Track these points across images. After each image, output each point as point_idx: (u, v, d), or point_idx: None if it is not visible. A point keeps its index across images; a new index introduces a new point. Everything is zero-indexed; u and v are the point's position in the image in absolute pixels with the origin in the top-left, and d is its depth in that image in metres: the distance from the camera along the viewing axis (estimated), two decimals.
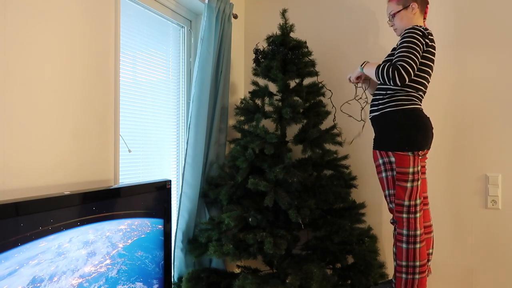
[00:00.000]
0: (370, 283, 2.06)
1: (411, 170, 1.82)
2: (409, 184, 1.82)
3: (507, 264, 2.27)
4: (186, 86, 2.41)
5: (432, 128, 1.92)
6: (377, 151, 1.90)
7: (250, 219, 1.98)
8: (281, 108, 2.15)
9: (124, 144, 1.88)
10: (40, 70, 1.35)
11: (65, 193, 1.28)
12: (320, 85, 2.30)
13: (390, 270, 2.44)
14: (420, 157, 1.89)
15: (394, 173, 1.85)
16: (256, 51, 2.30)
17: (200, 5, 2.32)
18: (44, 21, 1.36)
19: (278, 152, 2.13)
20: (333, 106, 2.58)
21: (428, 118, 1.92)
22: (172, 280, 2.10)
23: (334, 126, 2.26)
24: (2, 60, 1.23)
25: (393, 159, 1.85)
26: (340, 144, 2.25)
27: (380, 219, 2.49)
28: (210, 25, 2.15)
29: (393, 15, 1.98)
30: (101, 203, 1.38)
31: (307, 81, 2.33)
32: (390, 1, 2.01)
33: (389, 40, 2.49)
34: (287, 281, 1.94)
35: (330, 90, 2.55)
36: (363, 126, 2.53)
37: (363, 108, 2.49)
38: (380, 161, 1.89)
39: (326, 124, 2.39)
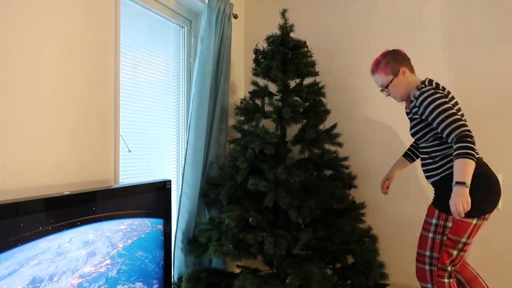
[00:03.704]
0: (370, 283, 2.06)
1: (463, 240, 1.65)
2: (455, 252, 1.68)
3: (507, 264, 2.27)
4: (186, 86, 2.41)
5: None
6: (436, 209, 1.77)
7: (250, 219, 1.98)
8: (281, 108, 2.15)
9: (124, 144, 1.88)
10: (40, 70, 1.35)
11: (65, 193, 1.28)
12: (320, 85, 2.30)
13: (390, 270, 2.44)
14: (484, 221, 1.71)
15: (444, 238, 1.71)
16: (256, 51, 2.30)
17: (200, 5, 2.32)
18: (44, 21, 1.36)
19: (278, 152, 2.13)
20: None
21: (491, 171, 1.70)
22: (172, 280, 2.10)
23: (334, 126, 2.25)
24: (2, 60, 1.23)
25: (450, 224, 1.70)
26: (339, 145, 2.25)
27: (380, 219, 2.49)
28: (210, 25, 2.15)
29: (387, 86, 1.87)
30: (101, 203, 1.38)
31: (307, 81, 2.33)
32: (376, 74, 1.89)
33: (389, 39, 2.49)
34: (287, 281, 1.94)
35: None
36: None
37: None
38: (434, 221, 1.77)
39: (327, 124, 2.39)
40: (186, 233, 2.11)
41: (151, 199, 1.65)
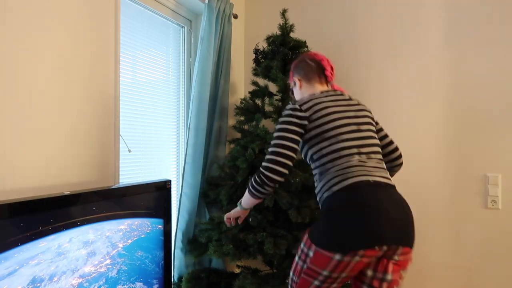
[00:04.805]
0: None
1: (325, 273, 1.37)
2: (316, 282, 1.40)
3: (507, 264, 2.27)
4: (186, 86, 2.41)
5: (398, 211, 1.37)
6: (307, 233, 1.48)
7: (250, 219, 1.98)
8: (281, 108, 2.15)
9: (124, 144, 1.88)
10: (40, 70, 1.35)
11: (65, 193, 1.28)
12: None
13: None
14: (393, 260, 1.39)
15: (305, 266, 1.42)
16: (256, 51, 2.30)
17: (200, 5, 2.32)
18: (44, 21, 1.36)
19: None
20: None
21: (378, 194, 1.38)
22: (172, 280, 2.10)
23: None
24: (3, 59, 1.23)
25: (311, 253, 1.40)
26: None
27: None
28: (210, 25, 2.15)
29: (292, 92, 1.77)
30: (101, 203, 1.38)
31: None
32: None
33: (389, 38, 2.49)
34: (287, 281, 1.94)
35: None
36: None
37: None
38: (302, 245, 1.47)
39: None
40: (186, 233, 2.11)
41: (151, 199, 1.65)
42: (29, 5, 1.31)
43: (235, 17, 2.44)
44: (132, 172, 1.97)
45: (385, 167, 1.61)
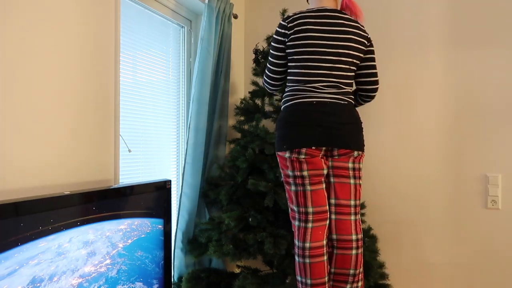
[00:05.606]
0: (370, 283, 2.06)
1: (290, 173, 1.66)
2: (292, 188, 1.67)
3: (507, 264, 2.27)
4: (186, 86, 2.41)
5: (324, 123, 1.63)
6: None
7: (250, 219, 1.98)
8: (281, 108, 2.14)
9: (124, 144, 1.88)
10: (40, 70, 1.35)
11: (65, 193, 1.28)
12: None
13: (390, 270, 2.44)
14: (334, 158, 1.68)
15: (281, 178, 1.77)
16: (256, 51, 2.30)
17: (200, 5, 2.32)
18: (44, 21, 1.36)
19: None
20: None
21: (316, 111, 1.64)
22: (172, 280, 2.10)
23: None
24: (2, 59, 1.23)
25: (278, 160, 1.74)
26: None
27: (380, 219, 2.49)
28: (210, 25, 2.15)
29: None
30: (101, 203, 1.38)
31: None
32: None
33: (389, 38, 2.49)
34: (287, 281, 1.94)
35: None
36: None
37: None
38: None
39: None
40: (186, 233, 2.11)
41: (151, 199, 1.65)
42: (29, 5, 1.31)
43: (235, 17, 2.44)
44: (132, 172, 1.97)
45: (343, 92, 1.71)
